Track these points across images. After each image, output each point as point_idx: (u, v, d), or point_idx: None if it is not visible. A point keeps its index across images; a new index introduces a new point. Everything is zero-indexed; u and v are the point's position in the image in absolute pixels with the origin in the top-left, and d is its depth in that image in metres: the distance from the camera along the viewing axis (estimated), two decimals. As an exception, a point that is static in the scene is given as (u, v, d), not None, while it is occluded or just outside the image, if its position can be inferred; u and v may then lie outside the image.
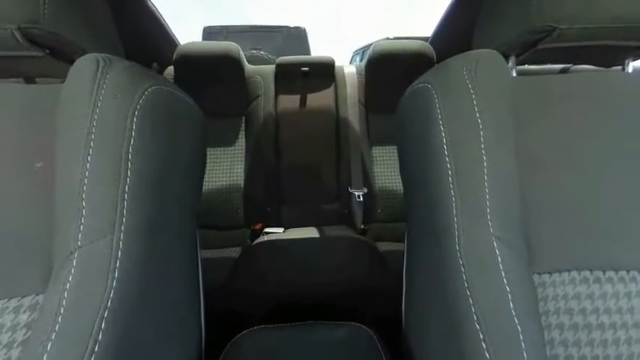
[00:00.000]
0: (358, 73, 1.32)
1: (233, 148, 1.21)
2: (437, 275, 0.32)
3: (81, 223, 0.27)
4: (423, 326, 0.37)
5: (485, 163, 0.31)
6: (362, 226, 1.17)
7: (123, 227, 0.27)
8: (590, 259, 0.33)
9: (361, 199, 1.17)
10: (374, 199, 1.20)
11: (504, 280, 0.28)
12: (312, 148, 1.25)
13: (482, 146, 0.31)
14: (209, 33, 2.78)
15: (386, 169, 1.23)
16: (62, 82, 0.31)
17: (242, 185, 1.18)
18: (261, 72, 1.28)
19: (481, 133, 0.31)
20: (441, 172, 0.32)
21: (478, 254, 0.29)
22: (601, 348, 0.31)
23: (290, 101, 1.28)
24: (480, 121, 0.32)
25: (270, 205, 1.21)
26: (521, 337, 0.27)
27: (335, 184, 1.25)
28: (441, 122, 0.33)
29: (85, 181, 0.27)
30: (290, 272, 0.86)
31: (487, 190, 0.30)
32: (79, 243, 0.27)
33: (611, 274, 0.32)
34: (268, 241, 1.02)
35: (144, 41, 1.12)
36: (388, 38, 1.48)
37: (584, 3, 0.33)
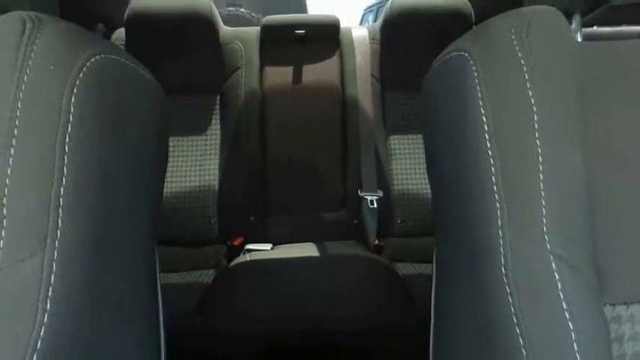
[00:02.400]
0: (371, 37, 1.32)
1: (204, 136, 1.21)
2: (476, 306, 0.33)
3: (1, 238, 0.27)
4: (453, 345, 0.38)
5: (540, 160, 0.31)
6: (376, 242, 1.18)
7: (57, 243, 0.27)
8: None
9: (375, 205, 1.17)
10: (392, 206, 1.21)
11: (566, 314, 0.29)
12: (309, 138, 1.25)
13: (537, 136, 0.31)
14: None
15: (408, 165, 1.23)
16: None
17: (216, 187, 1.18)
18: (241, 36, 1.28)
19: (535, 118, 0.32)
20: (482, 170, 0.32)
21: (531, 278, 0.30)
22: None
23: (280, 75, 1.28)
24: (533, 102, 0.32)
25: (253, 214, 1.20)
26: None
27: (340, 185, 1.25)
28: (481, 104, 0.33)
29: (7, 182, 0.27)
30: (280, 304, 0.86)
31: (543, 195, 0.30)
32: None
33: None
34: (251, 261, 1.02)
35: (86, -5, 1.12)
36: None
37: None
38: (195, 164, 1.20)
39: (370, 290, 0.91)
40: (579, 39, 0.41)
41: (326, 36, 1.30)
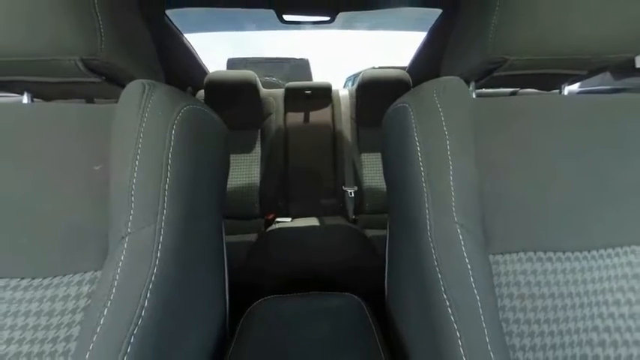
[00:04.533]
0: (350, 95, 1.32)
1: (251, 154, 1.21)
2: (412, 256, 0.32)
3: (130, 214, 0.27)
4: (401, 296, 0.37)
5: (450, 168, 0.31)
6: (353, 217, 1.17)
7: (164, 217, 0.27)
8: (535, 243, 0.33)
9: (352, 195, 1.17)
10: (362, 195, 1.20)
11: (466, 259, 0.28)
12: (313, 155, 1.25)
13: (449, 154, 0.31)
14: (232, 63, 2.79)
15: (372, 171, 1.23)
16: (116, 102, 0.31)
17: (258, 184, 1.18)
18: (273, 94, 1.28)
19: (447, 144, 0.31)
20: (416, 174, 0.32)
21: (445, 238, 0.29)
22: (542, 313, 0.31)
23: (296, 117, 1.28)
24: (447, 134, 0.32)
25: (280, 200, 1.20)
26: (479, 304, 0.27)
27: (332, 183, 1.25)
28: (416, 135, 0.33)
29: (134, 180, 0.27)
30: (295, 253, 0.86)
31: (452, 189, 0.30)
32: (128, 230, 0.27)
33: (550, 254, 0.33)
34: (278, 228, 1.02)
35: (180, 69, 1.12)
36: (374, 67, 1.48)
37: (530, 39, 0.33)
38: (245, 170, 1.20)
39: (349, 246, 0.90)
40: (474, 96, 0.40)
41: (323, 94, 1.30)
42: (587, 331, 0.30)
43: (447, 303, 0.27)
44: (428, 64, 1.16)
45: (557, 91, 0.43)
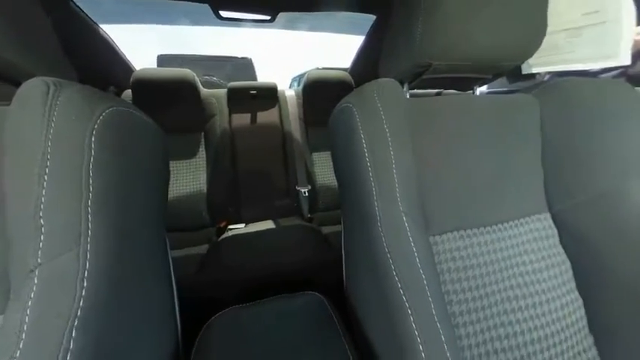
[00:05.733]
0: (297, 96, 1.32)
1: (195, 159, 1.12)
2: (366, 246, 0.34)
3: (40, 241, 0.22)
4: (358, 285, 0.39)
5: (393, 163, 0.33)
6: (308, 215, 1.18)
7: (89, 239, 0.23)
8: (463, 222, 0.38)
9: (306, 194, 1.18)
10: (316, 194, 1.22)
11: (412, 244, 0.31)
12: (263, 156, 1.21)
13: (391, 150, 0.33)
14: (163, 60, 2.51)
15: (324, 170, 1.26)
16: (7, 104, 0.25)
17: (205, 191, 1.09)
18: (215, 95, 1.20)
19: (389, 140, 0.34)
20: (364, 170, 0.34)
21: (393, 227, 0.32)
22: (473, 281, 0.36)
23: (242, 119, 1.23)
24: (387, 131, 0.34)
25: (231, 206, 1.14)
26: (425, 282, 0.30)
27: (284, 184, 1.23)
28: (361, 133, 0.34)
29: (43, 199, 0.22)
30: (252, 258, 0.83)
31: (396, 181, 0.33)
32: (39, 260, 0.22)
33: (475, 230, 0.38)
34: (231, 235, 0.96)
35: (98, 66, 0.96)
36: (318, 68, 1.52)
37: (448, 47, 0.38)
38: (189, 177, 1.09)
39: (306, 244, 0.91)
40: (408, 96, 0.43)
41: (269, 95, 1.27)
42: (506, 290, 0.37)
43: (399, 285, 0.29)
44: (367, 66, 1.24)
45: (471, 91, 0.50)
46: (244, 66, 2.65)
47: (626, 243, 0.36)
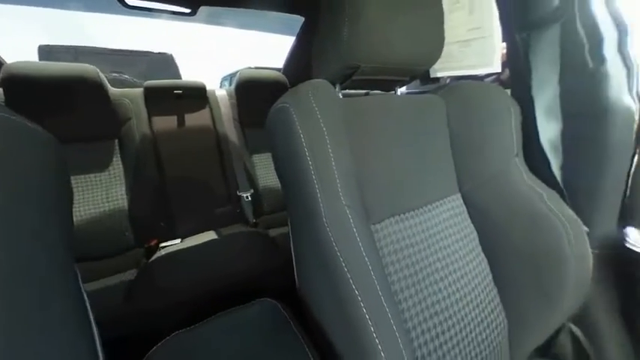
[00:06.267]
0: (230, 95, 1.25)
1: (109, 172, 0.94)
2: (314, 242, 0.35)
3: None
4: (311, 283, 0.39)
5: (333, 159, 0.35)
6: (253, 221, 1.14)
7: None
8: (398, 208, 0.43)
9: (249, 198, 1.13)
10: (260, 197, 1.19)
11: (355, 234, 0.33)
12: (196, 162, 1.10)
13: (329, 147, 0.35)
14: (47, 52, 2.02)
15: (266, 172, 1.23)
16: None
17: (126, 207, 0.94)
18: (128, 95, 1.03)
19: (327, 138, 0.35)
20: (306, 168, 0.34)
21: (337, 220, 0.33)
22: (408, 259, 0.41)
23: (167, 121, 1.09)
24: (325, 129, 0.35)
25: (162, 220, 1.00)
26: (370, 268, 0.32)
27: (224, 190, 1.15)
28: (300, 132, 0.35)
29: None
30: (193, 276, 0.75)
31: (337, 177, 0.35)
32: None
33: (407, 214, 0.43)
34: (166, 254, 0.85)
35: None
36: (250, 67, 1.46)
37: (372, 51, 0.42)
38: (102, 193, 0.91)
39: (252, 250, 0.88)
40: (341, 96, 0.46)
41: (197, 95, 1.17)
42: (435, 262, 0.43)
43: (349, 275, 0.31)
44: (300, 66, 1.26)
45: (394, 92, 0.56)
46: (164, 62, 2.36)
47: (513, 212, 0.47)
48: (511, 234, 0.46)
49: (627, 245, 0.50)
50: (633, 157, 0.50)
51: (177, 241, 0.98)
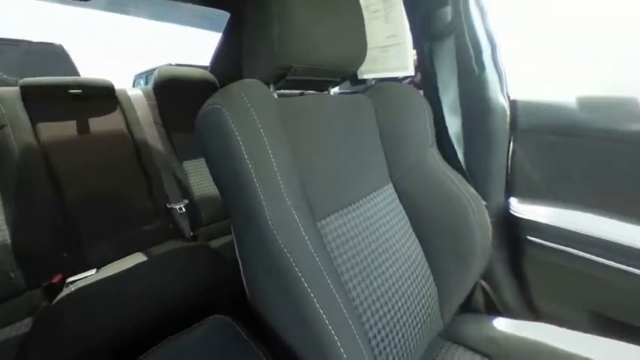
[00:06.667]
0: (147, 96, 1.10)
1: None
2: (261, 247, 0.34)
3: None
4: (262, 289, 0.38)
5: (273, 160, 0.35)
6: (191, 234, 1.03)
7: None
8: (340, 203, 0.45)
9: (183, 210, 1.02)
10: (196, 207, 1.08)
11: (303, 233, 0.34)
12: (109, 175, 0.93)
13: (269, 148, 0.35)
14: None
15: (201, 179, 1.12)
16: None
17: (8, 240, 0.73)
18: None
19: (265, 138, 0.35)
20: (246, 171, 0.33)
21: (284, 221, 0.33)
22: (353, 250, 0.43)
23: (61, 128, 0.89)
24: (262, 130, 0.35)
25: (65, 250, 0.81)
26: (319, 263, 0.33)
27: (150, 204, 1.00)
28: (237, 134, 0.34)
29: None
30: (117, 310, 0.63)
31: (279, 178, 0.34)
32: None
33: (347, 208, 0.46)
34: (75, 291, 0.69)
35: None
36: (170, 64, 1.31)
37: (304, 52, 0.43)
38: None
39: (194, 266, 0.80)
40: (276, 96, 0.45)
41: (103, 95, 0.99)
42: (376, 248, 0.47)
43: (300, 274, 0.31)
44: (230, 65, 1.19)
45: (327, 92, 0.58)
46: (53, 56, 1.90)
47: (433, 194, 0.55)
48: (433, 213, 0.53)
49: (511, 212, 0.65)
50: (509, 143, 0.65)
51: (92, 272, 0.81)
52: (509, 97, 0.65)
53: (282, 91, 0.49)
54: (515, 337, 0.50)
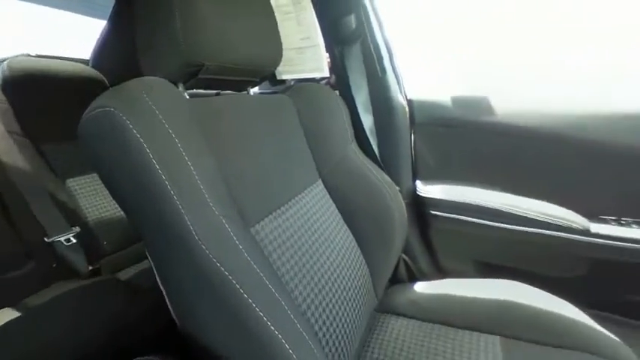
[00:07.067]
0: None
1: None
2: (188, 266, 0.31)
3: None
4: (193, 312, 0.34)
5: (192, 167, 0.31)
6: (90, 267, 0.82)
7: None
8: (272, 205, 0.45)
9: (73, 241, 0.80)
10: (93, 235, 0.87)
11: (236, 242, 0.32)
12: None
13: (184, 154, 0.31)
14: None
15: (97, 199, 0.90)
16: None
17: None
18: None
19: (178, 144, 0.31)
20: (158, 183, 0.29)
21: (213, 233, 0.31)
22: (291, 249, 0.44)
23: None
24: (173, 135, 0.31)
25: None
26: (258, 270, 0.32)
27: (12, 243, 0.74)
28: (141, 140, 0.29)
29: None
30: None
31: (201, 187, 0.31)
32: None
33: (281, 209, 0.46)
34: None
35: None
36: (29, 55, 0.99)
37: (218, 50, 0.40)
38: None
39: (100, 305, 0.65)
40: (187, 97, 0.41)
41: None
42: (312, 244, 0.48)
43: (238, 286, 0.29)
44: (120, 60, 0.99)
45: (246, 92, 0.57)
46: None
47: (357, 185, 0.60)
48: (359, 203, 0.59)
49: (418, 193, 0.77)
50: (411, 135, 0.77)
51: None
52: (406, 96, 0.77)
53: (194, 90, 0.45)
54: (430, 295, 0.61)
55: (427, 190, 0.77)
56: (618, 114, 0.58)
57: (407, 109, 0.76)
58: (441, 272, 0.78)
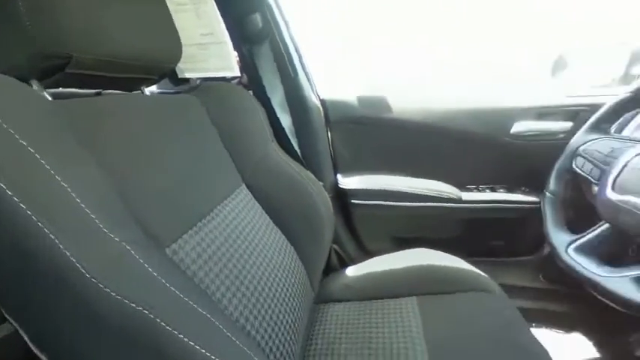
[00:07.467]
0: None
1: None
2: (84, 317, 0.24)
3: None
4: None
5: (67, 187, 0.24)
6: None
7: None
8: (190, 220, 0.39)
9: None
10: None
11: (149, 269, 0.27)
12: None
13: (50, 170, 0.24)
14: None
15: None
16: None
17: None
18: None
19: (40, 160, 0.23)
20: (18, 217, 0.21)
21: (114, 266, 0.25)
22: (220, 263, 0.39)
23: None
24: (30, 149, 0.23)
25: None
26: (181, 295, 0.27)
27: None
28: None
29: None
30: None
31: (87, 210, 0.25)
32: None
33: (204, 221, 0.41)
34: None
35: None
36: None
37: (93, 39, 0.33)
38: None
39: None
40: (50, 98, 0.32)
41: None
42: (243, 253, 0.45)
43: (157, 320, 0.24)
44: None
45: (140, 92, 0.48)
46: None
47: (281, 184, 0.60)
48: (285, 201, 0.59)
49: (339, 185, 0.84)
50: (328, 133, 0.83)
51: None
52: (319, 96, 0.82)
53: (59, 90, 0.36)
54: (360, 276, 0.67)
55: (347, 182, 0.84)
56: (476, 109, 0.79)
57: (321, 107, 0.80)
58: (368, 254, 0.87)
